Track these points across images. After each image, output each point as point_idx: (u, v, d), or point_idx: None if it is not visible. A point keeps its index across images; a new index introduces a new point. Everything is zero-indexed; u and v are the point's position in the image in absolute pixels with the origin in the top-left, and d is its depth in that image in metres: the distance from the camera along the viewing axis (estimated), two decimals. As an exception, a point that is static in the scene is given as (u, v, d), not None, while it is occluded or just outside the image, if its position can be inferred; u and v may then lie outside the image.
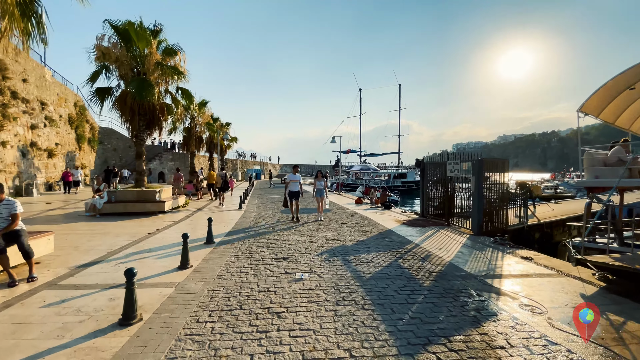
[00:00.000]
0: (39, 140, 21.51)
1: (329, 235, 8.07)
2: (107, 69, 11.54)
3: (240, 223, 9.78)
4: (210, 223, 7.12)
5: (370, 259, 5.91)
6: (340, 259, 5.87)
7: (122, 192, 11.32)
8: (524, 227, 10.57)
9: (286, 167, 72.23)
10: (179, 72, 12.05)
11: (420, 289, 4.52)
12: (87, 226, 9.07)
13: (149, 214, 11.11)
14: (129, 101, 11.34)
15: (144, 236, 7.71)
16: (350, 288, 4.45)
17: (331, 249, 6.62)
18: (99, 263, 5.57)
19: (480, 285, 4.74)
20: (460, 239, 8.04)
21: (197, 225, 9.25)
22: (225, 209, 13.16)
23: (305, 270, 5.19)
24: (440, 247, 6.99)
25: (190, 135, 21.98)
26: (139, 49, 11.66)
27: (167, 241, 7.21)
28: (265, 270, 5.21)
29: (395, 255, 6.23)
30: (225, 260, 5.71)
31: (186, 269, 5.21)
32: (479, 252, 6.69)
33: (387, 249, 6.77)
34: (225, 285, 4.50)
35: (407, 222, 10.42)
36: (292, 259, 5.89)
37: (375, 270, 5.25)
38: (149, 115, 12.09)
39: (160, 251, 6.35)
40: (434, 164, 11.40)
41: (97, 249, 6.50)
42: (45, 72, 23.66)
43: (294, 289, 4.38)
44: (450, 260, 6.02)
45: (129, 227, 8.89)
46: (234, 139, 34.73)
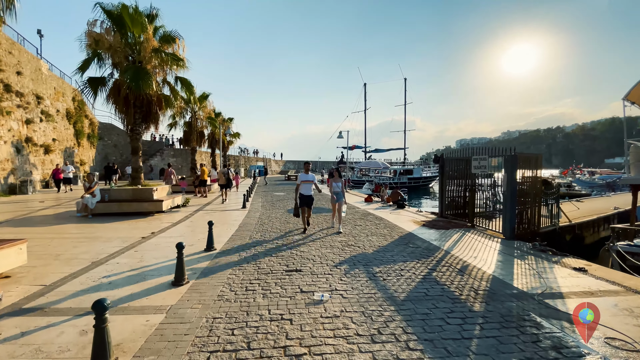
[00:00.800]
0: (35, 136, 20.71)
1: (345, 240, 7.17)
2: (99, 57, 10.63)
3: (245, 225, 8.90)
4: (211, 227, 6.24)
5: (398, 272, 5.00)
6: (364, 272, 4.97)
7: (116, 190, 10.47)
8: (556, 229, 9.63)
9: (289, 163, 71.31)
10: (178, 59, 11.12)
11: (472, 315, 3.62)
12: (76, 228, 8.23)
13: (146, 214, 10.26)
14: (124, 92, 10.44)
15: (136, 241, 6.84)
16: (385, 315, 3.55)
17: (350, 258, 5.72)
18: (79, 277, 4.70)
19: (543, 309, 3.83)
20: (491, 244, 7.14)
21: (197, 228, 8.38)
22: (228, 208, 12.29)
23: (325, 288, 4.29)
24: (474, 255, 6.08)
25: (191, 130, 21.09)
26: (134, 35, 10.74)
27: (163, 247, 6.34)
28: (276, 287, 4.32)
29: (426, 267, 5.32)
30: (228, 274, 4.83)
31: (181, 285, 4.33)
32: (520, 262, 5.78)
33: (414, 257, 5.86)
34: (229, 311, 3.61)
35: (427, 223, 9.50)
36: (307, 271, 5.00)
37: (409, 288, 4.35)
38: (145, 108, 11.19)
39: (153, 260, 5.48)
40: (455, 160, 10.45)
41: (80, 257, 5.64)
42: (41, 64, 22.80)
43: (315, 317, 3.49)
44: (492, 272, 5.10)
45: (122, 230, 8.04)
46: (237, 134, 33.79)
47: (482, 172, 8.94)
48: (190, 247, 6.36)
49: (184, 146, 23.33)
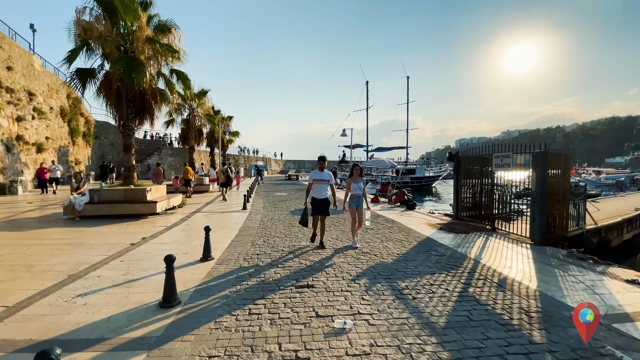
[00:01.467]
0: (26, 134, 19.90)
1: (358, 246, 6.41)
2: (88, 47, 9.84)
3: (246, 229, 8.13)
4: (208, 234, 5.46)
5: (428, 288, 4.24)
6: (388, 288, 4.21)
7: (106, 190, 9.69)
8: (584, 232, 8.89)
9: (290, 162, 70.50)
10: (173, 50, 10.34)
11: (536, 349, 2.86)
12: (59, 233, 7.46)
13: (139, 217, 9.48)
14: (115, 84, 9.66)
15: (124, 248, 6.08)
16: (427, 350, 2.80)
17: (368, 270, 4.96)
18: (50, 295, 3.94)
19: (617, 338, 3.08)
20: (521, 250, 6.39)
21: (194, 232, 7.61)
22: (228, 210, 11.53)
23: (345, 311, 3.53)
24: (507, 265, 5.33)
25: (189, 127, 20.29)
26: (125, 23, 9.97)
27: (153, 256, 5.57)
28: (286, 309, 3.56)
29: (458, 280, 4.56)
30: (227, 291, 4.06)
31: (171, 307, 3.56)
32: (563, 273, 5.02)
33: (441, 268, 5.10)
34: (228, 345, 2.85)
35: (444, 226, 8.75)
36: (320, 286, 4.24)
37: (447, 310, 3.59)
38: (138, 102, 10.41)
39: (140, 273, 4.71)
40: (472, 158, 9.69)
41: (57, 269, 4.87)
42: (34, 60, 21.99)
43: (339, 354, 2.73)
44: (536, 287, 4.35)
45: (110, 235, 7.27)
46: (236, 133, 33.03)
47: (506, 170, 8.20)
48: (184, 256, 5.60)
49: (182, 145, 22.52)
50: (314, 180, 6.25)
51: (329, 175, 6.33)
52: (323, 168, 6.36)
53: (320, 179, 6.25)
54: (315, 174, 6.30)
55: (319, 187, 6.23)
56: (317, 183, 6.24)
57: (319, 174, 6.28)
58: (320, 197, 6.22)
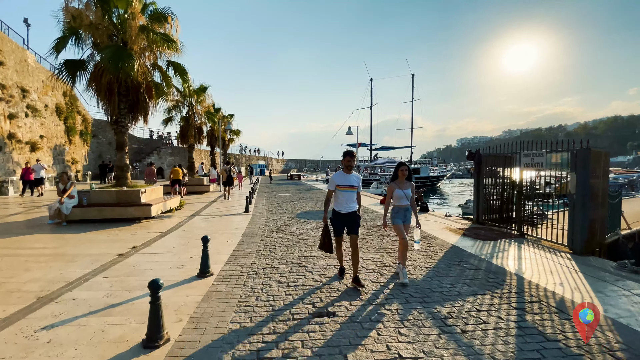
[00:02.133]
0: (19, 132, 19.13)
1: (378, 257, 5.62)
2: (77, 36, 9.05)
3: (249, 235, 7.34)
4: (206, 245, 4.66)
5: (477, 315, 3.44)
6: (427, 315, 3.42)
7: (97, 192, 8.90)
8: (619, 238, 8.09)
9: (291, 162, 69.71)
10: (169, 40, 9.53)
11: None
12: (41, 241, 6.67)
13: (132, 221, 8.70)
14: (106, 77, 8.86)
15: (110, 260, 5.29)
16: None
17: (397, 289, 4.17)
18: (9, 326, 3.15)
19: None
20: (563, 261, 5.61)
21: (191, 240, 6.82)
22: (229, 213, 10.75)
23: (381, 353, 2.73)
24: (556, 282, 4.53)
25: (188, 125, 19.49)
26: (118, 10, 9.18)
27: (142, 271, 4.79)
28: (305, 350, 2.76)
29: (508, 304, 3.76)
30: (229, 321, 3.27)
31: (156, 347, 2.77)
32: (625, 291, 4.22)
33: (482, 286, 4.31)
34: (231, 414, 2.06)
35: (467, 232, 7.95)
36: (342, 314, 3.45)
37: (512, 351, 2.79)
38: (132, 96, 9.62)
39: (124, 295, 3.92)
40: (495, 157, 8.88)
41: (25, 289, 4.08)
42: (28, 55, 21.21)
43: None
44: (604, 313, 3.55)
45: (97, 243, 6.48)
46: (237, 132, 32.23)
47: (538, 170, 7.40)
48: (178, 270, 4.81)
49: (181, 143, 21.74)
50: (336, 187, 4.37)
51: (357, 179, 4.45)
52: (351, 168, 4.36)
53: (347, 185, 4.33)
54: (339, 177, 4.40)
55: (344, 196, 4.34)
56: (342, 190, 4.34)
57: (344, 177, 4.37)
58: (347, 209, 4.35)
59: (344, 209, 4.36)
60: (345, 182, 4.35)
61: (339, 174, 4.45)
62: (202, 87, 19.65)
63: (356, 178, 4.44)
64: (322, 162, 73.34)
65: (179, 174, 14.59)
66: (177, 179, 14.48)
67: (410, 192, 4.61)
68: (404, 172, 4.67)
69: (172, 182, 14.48)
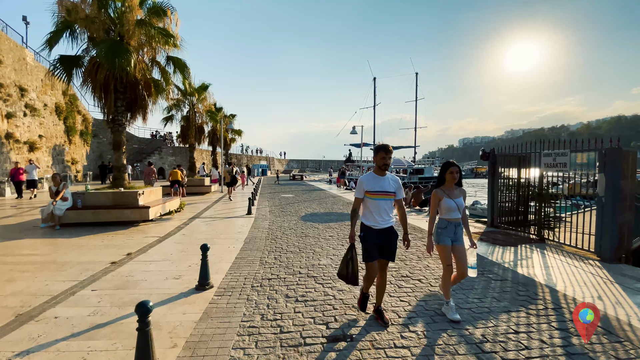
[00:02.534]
0: (17, 131, 18.78)
1: (393, 266, 5.16)
2: (71, 29, 8.63)
3: (252, 240, 6.90)
4: (206, 255, 4.21)
5: (516, 339, 2.98)
6: (460, 340, 2.96)
7: (92, 194, 8.48)
8: (645, 243, 7.61)
9: (293, 162, 69.32)
10: (168, 35, 9.10)
11: None
12: (29, 247, 6.25)
13: (129, 224, 8.28)
14: (102, 72, 8.44)
15: (101, 270, 4.85)
16: None
17: (420, 306, 3.71)
18: (-24, 352, 2.73)
19: None
20: (593, 270, 5.17)
21: (191, 245, 6.39)
22: (231, 215, 10.32)
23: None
24: (593, 294, 4.08)
25: (189, 124, 19.08)
26: (115, 3, 8.76)
27: (136, 282, 4.35)
28: (322, 386, 2.32)
29: (547, 323, 3.30)
30: (231, 343, 2.83)
31: (146, 382, 2.33)
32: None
33: (514, 300, 3.85)
34: None
35: (483, 236, 7.50)
36: (362, 338, 3.00)
37: (570, 389, 2.34)
38: (129, 93, 9.20)
39: (113, 312, 3.48)
40: (511, 157, 8.42)
41: (4, 305, 3.65)
42: (26, 54, 20.86)
43: None
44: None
45: (89, 250, 6.06)
46: (239, 131, 31.80)
47: (560, 170, 6.93)
48: (175, 282, 4.38)
49: (182, 143, 21.35)
50: (366, 193, 3.30)
51: (394, 182, 3.35)
52: (386, 168, 3.31)
53: (381, 191, 3.25)
54: (370, 180, 3.32)
55: (377, 207, 3.27)
56: (374, 198, 3.26)
57: (377, 180, 3.29)
58: (382, 224, 3.28)
59: (377, 224, 3.25)
60: (378, 188, 3.24)
61: (369, 176, 3.35)
62: (203, 85, 19.23)
63: (393, 182, 3.32)
64: (323, 162, 72.92)
65: (177, 175, 14.23)
66: (177, 180, 14.11)
67: (462, 201, 3.53)
68: (454, 175, 3.50)
69: (171, 183, 14.12)
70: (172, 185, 14.02)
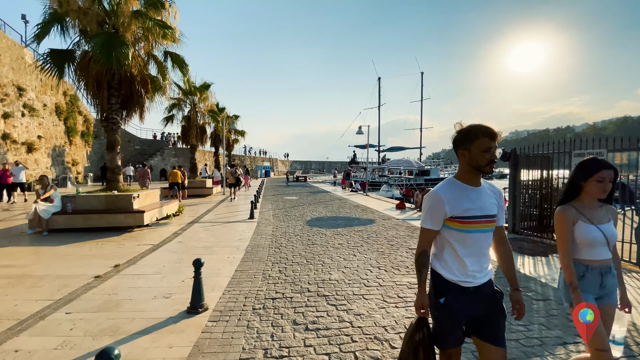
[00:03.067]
0: (15, 132, 18.34)
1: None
2: (62, 21, 8.09)
3: (254, 249, 6.29)
4: (199, 271, 3.61)
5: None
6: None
7: (84, 197, 7.92)
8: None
9: (296, 163, 68.78)
10: (166, 27, 8.54)
11: None
12: (11, 256, 5.68)
13: (122, 230, 7.70)
14: (95, 67, 7.90)
15: (82, 285, 4.26)
16: None
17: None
18: None
19: None
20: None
21: (187, 255, 5.79)
22: (233, 219, 9.72)
23: None
24: (660, 321, 3.42)
25: (190, 125, 18.54)
26: (109, -7, 8.22)
27: (119, 302, 3.75)
28: None
29: (619, 363, 2.66)
30: (226, 398, 2.22)
31: None
32: None
33: (564, 327, 3.21)
34: None
35: (507, 245, 6.82)
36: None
37: None
38: (125, 90, 8.65)
39: (86, 344, 2.88)
40: (536, 157, 7.76)
41: (-42, 332, 3.07)
42: (25, 53, 20.45)
43: None
44: None
45: (74, 260, 5.47)
46: (242, 132, 31.27)
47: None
48: (164, 301, 3.77)
49: (183, 144, 20.83)
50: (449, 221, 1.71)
51: (497, 196, 1.80)
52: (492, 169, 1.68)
53: (482, 216, 1.69)
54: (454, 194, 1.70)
55: (475, 243, 1.70)
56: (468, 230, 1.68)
57: (469, 192, 1.72)
58: (478, 278, 1.72)
59: (469, 278, 1.71)
60: (475, 208, 1.68)
61: (451, 186, 1.75)
62: (205, 84, 18.70)
63: (495, 195, 1.80)
64: (327, 163, 72.31)
65: (177, 176, 13.65)
66: (176, 182, 13.54)
67: (613, 227, 2.07)
68: (605, 185, 1.98)
69: (170, 185, 13.55)
70: (171, 187, 13.44)
